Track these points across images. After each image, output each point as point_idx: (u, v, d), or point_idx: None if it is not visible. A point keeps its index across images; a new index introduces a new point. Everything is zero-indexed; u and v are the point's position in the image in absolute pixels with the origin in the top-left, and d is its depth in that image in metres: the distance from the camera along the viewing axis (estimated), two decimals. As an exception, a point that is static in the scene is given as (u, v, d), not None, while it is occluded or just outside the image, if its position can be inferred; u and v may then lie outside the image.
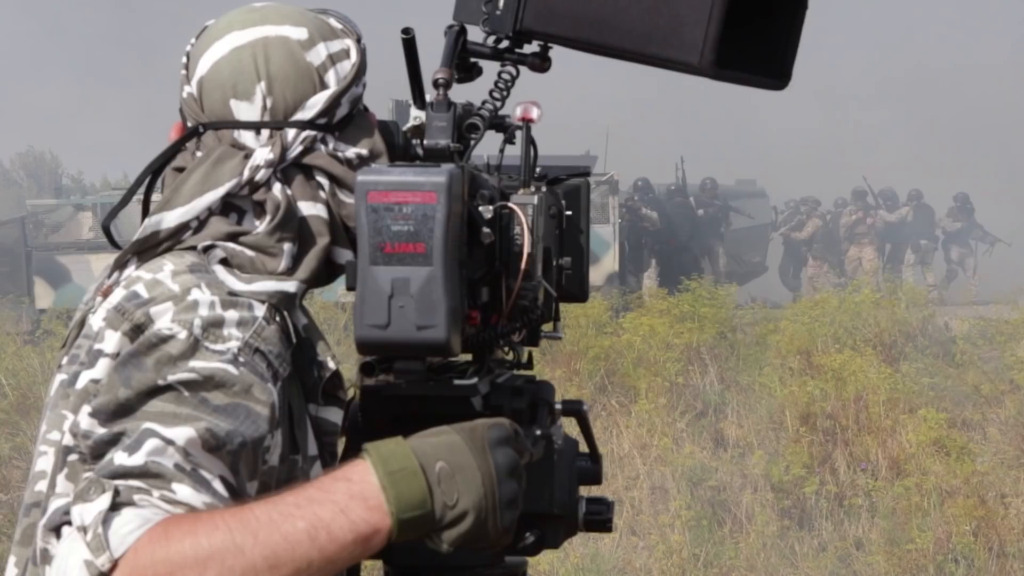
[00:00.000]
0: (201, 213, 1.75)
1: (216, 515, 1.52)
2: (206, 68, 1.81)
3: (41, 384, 11.79)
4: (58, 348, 2.83)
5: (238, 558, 1.50)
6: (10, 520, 8.56)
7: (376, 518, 1.55)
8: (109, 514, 1.51)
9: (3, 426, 10.90)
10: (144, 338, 1.65)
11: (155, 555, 1.49)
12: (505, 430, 1.64)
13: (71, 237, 19.94)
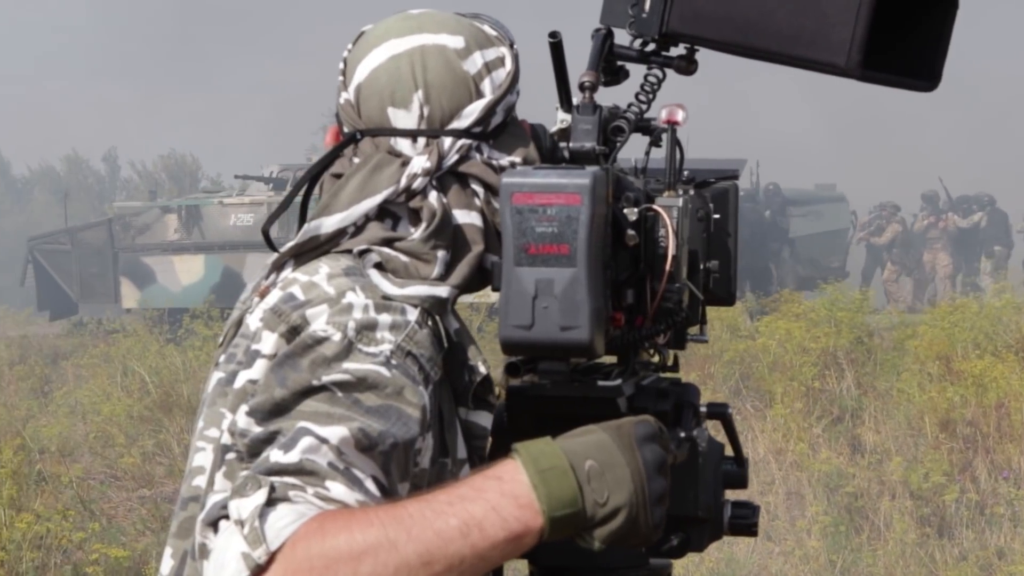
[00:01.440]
0: (359, 219, 1.77)
1: (370, 511, 1.54)
2: (364, 75, 1.82)
3: (183, 382, 12.03)
4: (198, 347, 2.87)
5: (392, 554, 1.51)
6: (154, 515, 8.73)
7: (527, 516, 1.56)
8: (265, 509, 1.53)
9: (147, 423, 11.12)
10: (300, 339, 1.68)
11: (310, 549, 1.51)
12: (651, 427, 1.64)
13: (157, 239, 20.22)
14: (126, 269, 20.15)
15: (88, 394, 12.02)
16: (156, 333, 15.41)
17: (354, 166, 1.80)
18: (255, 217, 19.88)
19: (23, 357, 15.84)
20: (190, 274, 19.87)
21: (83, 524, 8.09)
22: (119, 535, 8.16)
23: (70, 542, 7.63)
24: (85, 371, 14.19)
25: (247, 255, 19.60)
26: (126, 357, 13.68)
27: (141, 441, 10.65)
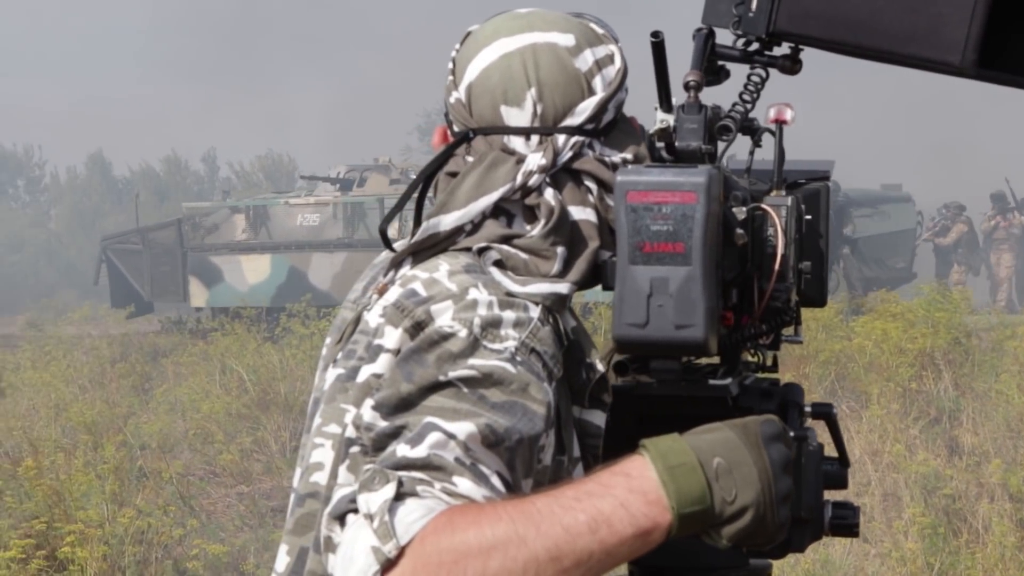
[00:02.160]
0: (476, 216, 1.78)
1: (499, 506, 1.55)
2: (474, 74, 1.82)
3: (280, 380, 12.15)
4: (295, 345, 2.85)
5: (521, 549, 1.52)
6: (252, 511, 8.84)
7: (656, 512, 1.56)
8: (394, 503, 1.54)
9: (245, 420, 11.24)
10: (425, 335, 1.68)
11: (440, 544, 1.51)
12: (776, 426, 1.64)
13: (225, 238, 20.54)
14: (195, 268, 20.51)
15: (188, 392, 12.18)
16: (254, 332, 15.57)
17: (469, 164, 1.81)
18: (321, 217, 20.18)
19: (124, 355, 16.09)
20: (256, 273, 20.19)
21: (183, 520, 8.21)
22: (218, 531, 8.26)
23: (170, 537, 7.74)
24: (185, 369, 14.38)
25: (312, 255, 19.92)
26: (224, 355, 13.85)
27: (239, 438, 10.76)
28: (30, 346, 16.12)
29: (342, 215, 20.20)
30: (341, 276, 19.72)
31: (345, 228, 20.21)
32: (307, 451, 1.82)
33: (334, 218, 20.23)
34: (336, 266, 19.89)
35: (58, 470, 8.94)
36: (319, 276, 19.93)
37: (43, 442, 10.26)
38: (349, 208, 20.24)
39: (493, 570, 1.51)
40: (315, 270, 19.98)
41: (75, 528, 7.19)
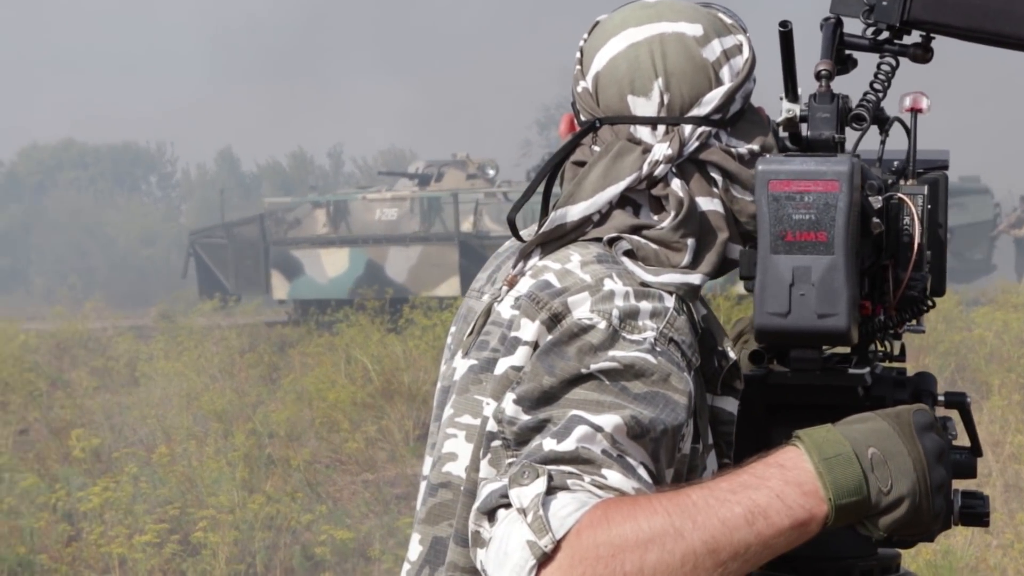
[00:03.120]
0: (603, 206, 1.77)
1: (653, 499, 1.53)
2: (602, 64, 1.82)
3: (403, 370, 12.31)
4: (417, 336, 2.85)
5: (678, 542, 1.50)
6: (377, 498, 8.99)
7: (812, 504, 1.54)
8: (546, 498, 1.52)
9: (369, 409, 11.41)
10: (565, 328, 1.67)
11: (597, 537, 1.50)
12: (928, 416, 1.62)
13: (307, 232, 21.02)
14: (276, 261, 21.00)
15: (314, 381, 12.38)
16: (377, 323, 15.79)
17: (596, 154, 1.80)
18: (398, 212, 20.63)
19: (252, 345, 16.40)
20: (335, 266, 20.63)
21: (310, 506, 8.39)
22: (344, 517, 8.43)
23: (298, 523, 7.92)
24: (311, 359, 14.62)
25: (389, 248, 20.31)
26: (349, 346, 14.06)
27: (364, 427, 10.92)
28: (163, 337, 16.50)
29: (419, 209, 20.59)
30: (416, 269, 20.16)
31: (421, 222, 20.54)
32: (439, 441, 1.81)
33: (411, 212, 20.65)
34: (412, 259, 20.27)
35: (190, 457, 9.20)
36: (395, 269, 20.34)
37: (175, 430, 10.53)
38: (425, 203, 20.65)
39: (651, 563, 1.49)
40: (391, 263, 20.38)
41: (207, 514, 7.40)
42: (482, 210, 20.71)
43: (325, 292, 20.48)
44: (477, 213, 20.70)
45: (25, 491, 8.49)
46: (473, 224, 20.68)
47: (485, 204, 20.75)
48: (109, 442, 10.48)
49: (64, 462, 9.88)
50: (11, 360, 14.61)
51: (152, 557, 6.90)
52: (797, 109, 1.83)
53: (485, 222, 20.69)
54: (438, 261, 20.14)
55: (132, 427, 11.17)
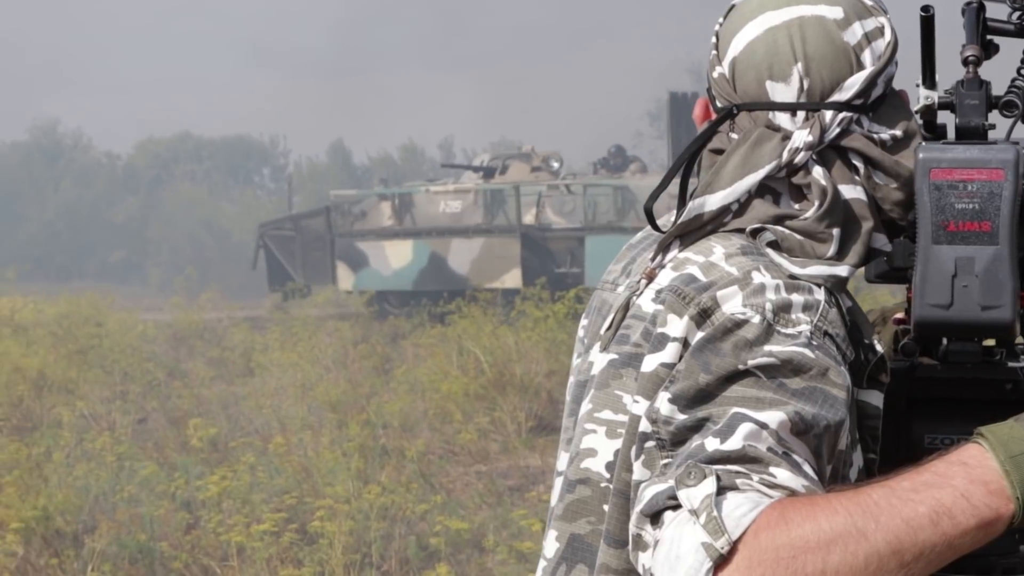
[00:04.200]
0: (742, 196, 1.73)
1: (831, 498, 1.49)
2: (739, 48, 1.78)
3: (516, 362, 12.33)
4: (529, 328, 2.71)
5: (860, 543, 1.46)
6: (490, 489, 9.01)
7: (998, 503, 1.49)
8: (717, 498, 1.48)
9: (482, 401, 11.44)
10: (719, 323, 1.63)
11: (775, 538, 1.46)
12: None
13: (373, 225, 21.41)
14: (342, 253, 21.41)
15: (427, 372, 12.45)
16: (490, 314, 15.84)
17: (734, 142, 1.76)
18: (462, 204, 20.83)
19: (365, 337, 16.53)
20: (399, 258, 20.97)
21: (424, 497, 8.43)
22: (458, 508, 8.46)
23: (413, 513, 7.96)
24: (423, 351, 14.71)
25: (452, 240, 20.56)
26: (461, 337, 14.12)
27: (477, 418, 10.96)
28: (277, 328, 16.69)
29: (482, 202, 20.79)
30: (478, 261, 20.41)
31: (484, 215, 20.75)
32: (576, 436, 1.78)
33: (475, 205, 20.86)
34: (474, 251, 20.49)
35: (306, 447, 9.29)
36: (458, 261, 20.58)
37: (290, 420, 10.65)
38: (488, 195, 20.84)
39: (833, 565, 1.45)
40: (454, 255, 20.63)
41: (324, 503, 7.46)
42: (544, 202, 20.89)
43: (389, 284, 20.87)
44: (540, 205, 20.88)
45: (145, 479, 8.62)
46: (535, 216, 20.86)
47: (548, 196, 20.93)
48: (225, 431, 10.62)
49: (182, 451, 10.02)
50: (130, 350, 14.85)
51: (270, 546, 6.96)
52: (935, 96, 1.78)
53: (547, 214, 20.87)
54: (500, 253, 20.35)
55: (248, 417, 11.31)
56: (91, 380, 12.97)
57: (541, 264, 20.39)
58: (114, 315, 18.30)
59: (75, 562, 7.17)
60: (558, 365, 12.51)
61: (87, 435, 10.16)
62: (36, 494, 7.79)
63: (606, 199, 20.47)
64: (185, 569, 7.25)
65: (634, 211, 20.18)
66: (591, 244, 20.10)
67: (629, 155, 21.98)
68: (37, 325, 17.19)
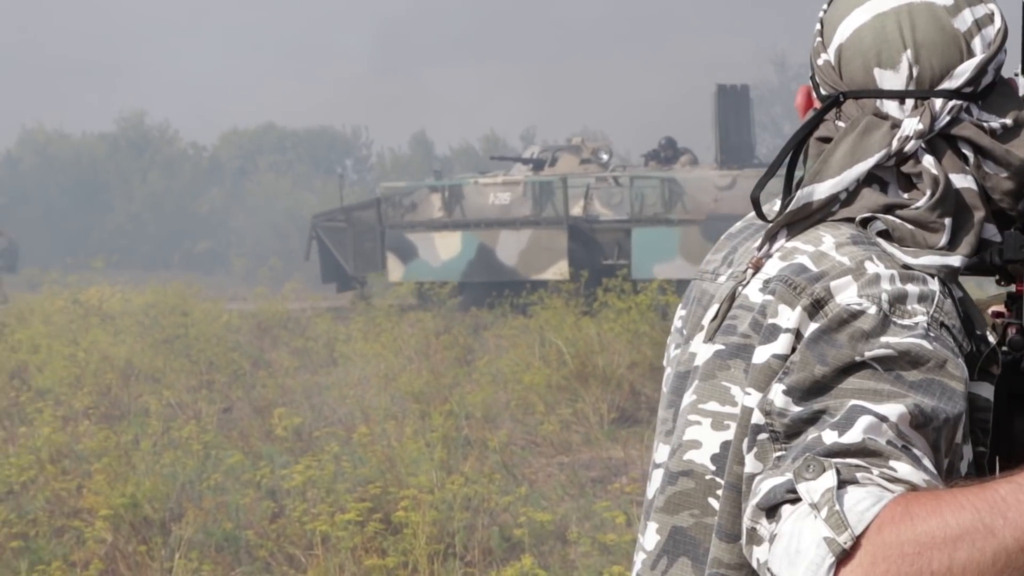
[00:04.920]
0: (850, 185, 1.71)
1: (956, 493, 1.46)
2: (845, 35, 1.75)
3: (598, 353, 12.32)
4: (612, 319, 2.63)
5: (988, 540, 1.43)
6: (572, 481, 9.01)
7: None
8: (838, 492, 1.46)
9: (564, 392, 11.44)
10: (834, 314, 1.61)
11: (900, 534, 1.43)
12: None
13: (423, 217, 21.69)
14: (392, 245, 21.73)
15: (509, 363, 12.47)
16: (572, 305, 15.83)
17: (842, 130, 1.74)
18: (511, 196, 21.07)
19: (447, 328, 16.58)
20: (448, 250, 21.26)
21: (507, 488, 8.44)
22: (540, 500, 8.46)
23: (496, 504, 7.98)
24: (505, 341, 14.73)
25: (500, 232, 20.81)
26: (543, 328, 14.12)
27: (559, 410, 10.96)
28: (360, 318, 16.78)
29: (531, 194, 21.00)
30: (526, 253, 20.63)
31: (533, 207, 20.97)
32: (678, 428, 1.76)
33: (523, 197, 21.07)
34: (522, 243, 20.71)
35: (389, 437, 9.34)
36: (506, 252, 20.82)
37: (374, 410, 10.70)
38: (537, 187, 21.04)
39: (960, 562, 1.42)
40: (502, 247, 20.87)
41: (408, 493, 7.49)
42: (592, 194, 21.00)
43: (438, 275, 21.10)
44: (588, 197, 21.00)
45: (231, 468, 8.70)
46: (583, 208, 20.97)
47: (596, 188, 21.05)
48: (309, 421, 10.69)
49: (266, 440, 10.11)
50: (215, 340, 15.00)
51: (354, 535, 7.00)
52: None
53: (595, 206, 20.99)
54: (547, 245, 20.56)
55: (331, 406, 11.38)
56: (177, 369, 13.11)
57: (588, 256, 20.59)
58: (200, 305, 18.49)
59: (162, 549, 7.25)
60: (640, 356, 12.48)
61: (174, 424, 10.27)
62: (124, 482, 7.89)
63: (653, 191, 20.56)
64: (270, 557, 7.31)
65: (681, 203, 20.30)
66: (637, 236, 20.27)
67: (680, 147, 21.99)
68: (124, 314, 17.41)
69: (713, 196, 20.18)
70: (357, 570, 6.91)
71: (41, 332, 15.15)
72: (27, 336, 14.80)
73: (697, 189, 20.32)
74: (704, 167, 21.14)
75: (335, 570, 6.93)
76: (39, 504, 8.16)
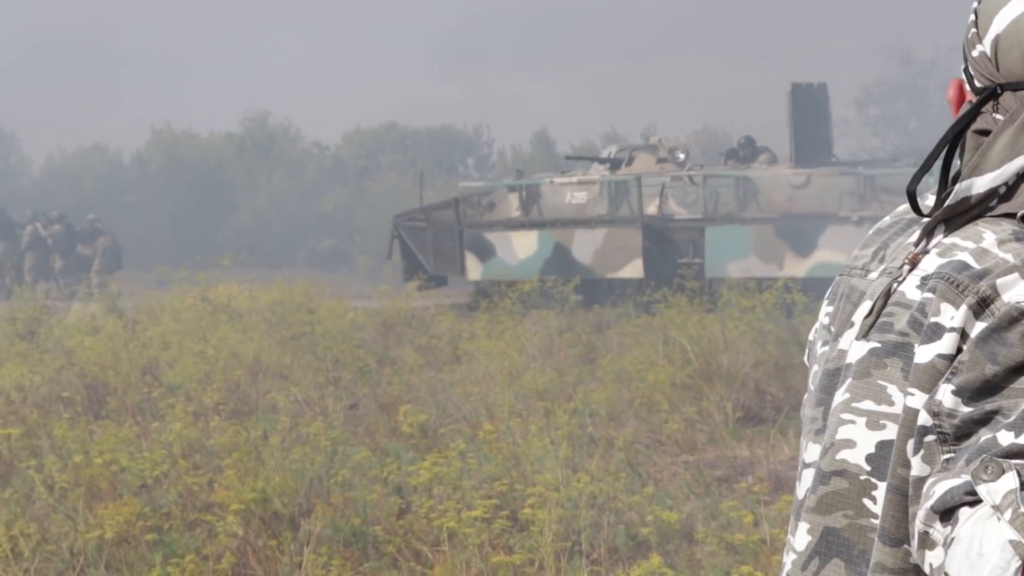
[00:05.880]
0: (1010, 179, 1.67)
1: None
2: (1002, 26, 1.71)
3: (722, 352, 12.25)
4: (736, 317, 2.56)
5: None
6: (698, 480, 8.97)
7: None
8: (1020, 494, 1.43)
9: (688, 391, 11.40)
10: (1002, 312, 1.57)
11: None
12: None
13: (501, 216, 22.04)
14: (470, 244, 22.11)
15: (632, 362, 12.44)
16: (696, 304, 15.76)
17: (1000, 122, 1.70)
18: (588, 195, 21.37)
19: (570, 326, 16.60)
20: (525, 248, 21.60)
21: (631, 486, 8.42)
22: (665, 498, 8.43)
23: (622, 503, 7.96)
24: (628, 339, 14.71)
25: (576, 231, 21.11)
26: (667, 327, 14.07)
27: (683, 408, 10.93)
28: (483, 316, 16.85)
29: (607, 193, 21.21)
30: (601, 251, 20.88)
31: (609, 206, 21.17)
32: (829, 426, 1.74)
33: (599, 196, 21.32)
34: (597, 242, 20.95)
35: (514, 435, 9.36)
36: (581, 251, 21.06)
37: (498, 408, 10.74)
38: (613, 187, 21.25)
39: None
40: (578, 246, 21.11)
41: (535, 491, 7.51)
42: (668, 193, 21.11)
43: (515, 274, 21.36)
44: (663, 196, 21.10)
45: (358, 464, 8.78)
46: (658, 207, 21.05)
47: (671, 187, 21.17)
48: (434, 418, 10.76)
49: (392, 437, 10.19)
50: (340, 337, 15.14)
51: (481, 532, 7.03)
52: None
53: (670, 205, 21.08)
54: (622, 243, 20.75)
55: (456, 404, 11.44)
56: (304, 366, 13.26)
57: (663, 254, 20.68)
58: (325, 303, 18.69)
59: (292, 544, 7.35)
60: (765, 355, 12.38)
61: (301, 420, 10.39)
62: (254, 477, 8.00)
63: (727, 190, 20.51)
64: (397, 553, 7.37)
65: (755, 202, 20.21)
66: (711, 234, 20.30)
67: (759, 146, 21.99)
68: (252, 312, 17.65)
69: (787, 195, 20.14)
70: (484, 567, 6.94)
71: (171, 329, 15.43)
72: (158, 333, 15.08)
73: (771, 188, 20.28)
74: (780, 166, 21.07)
75: (462, 566, 6.96)
76: (172, 498, 8.30)
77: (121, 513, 7.48)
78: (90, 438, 9.86)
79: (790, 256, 19.68)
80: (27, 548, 7.35)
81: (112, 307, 19.17)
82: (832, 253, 19.09)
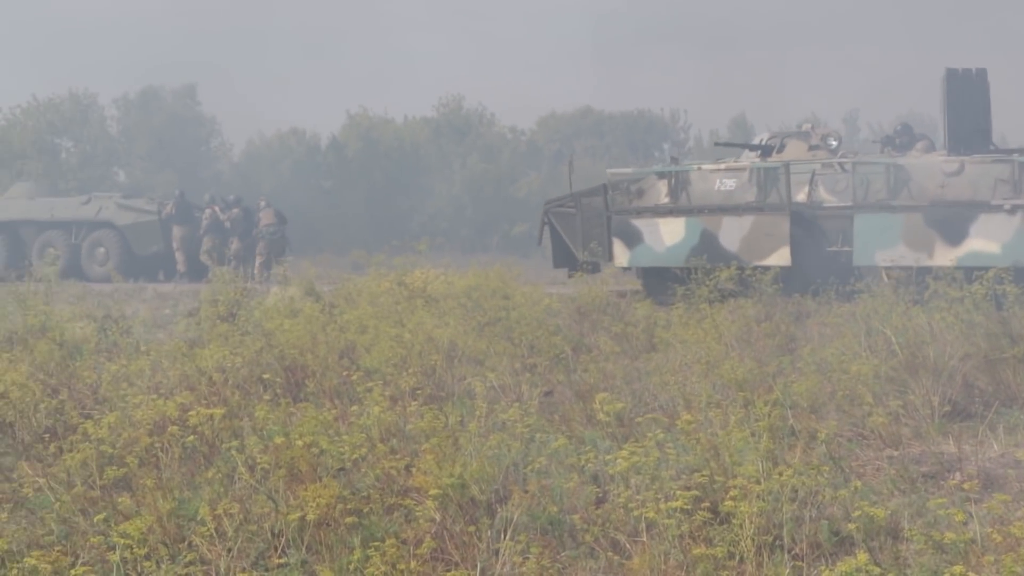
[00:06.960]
0: None
1: None
2: None
3: (928, 344, 11.89)
4: (944, 308, 2.40)
5: None
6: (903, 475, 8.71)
7: None
8: None
9: (892, 383, 11.10)
10: None
11: None
12: None
13: (650, 202, 21.99)
14: (618, 230, 22.07)
15: (834, 352, 12.17)
16: (901, 294, 15.37)
17: None
18: (737, 182, 21.17)
19: (768, 315, 16.33)
20: (672, 235, 21.49)
21: (833, 480, 8.21)
22: (869, 494, 8.21)
23: (825, 497, 7.77)
24: (829, 330, 14.40)
25: (723, 218, 20.90)
26: (870, 317, 13.74)
27: (887, 401, 10.64)
28: (680, 304, 16.69)
29: (755, 180, 20.99)
30: (748, 239, 20.62)
31: (758, 193, 20.91)
32: None
33: (748, 183, 21.08)
34: (744, 229, 20.71)
35: (713, 425, 9.21)
36: (728, 238, 20.83)
37: (696, 397, 10.59)
38: (762, 173, 20.99)
39: None
40: (725, 232, 20.88)
41: (736, 483, 7.36)
42: (817, 180, 20.72)
43: (662, 260, 21.45)
44: (812, 183, 20.73)
45: (555, 452, 8.72)
46: (807, 194, 20.69)
47: (821, 175, 20.76)
48: (631, 407, 10.64)
49: (588, 424, 10.11)
50: (535, 323, 15.12)
51: (681, 523, 6.91)
52: None
53: (820, 192, 20.67)
54: (770, 230, 20.45)
55: (652, 392, 11.31)
56: (499, 352, 13.26)
57: (811, 242, 20.38)
58: (520, 289, 18.70)
59: (489, 531, 7.32)
60: (974, 348, 11.98)
61: (497, 406, 10.37)
62: (452, 462, 7.99)
63: (878, 177, 19.98)
64: (595, 542, 7.29)
65: (907, 189, 19.65)
66: (860, 222, 19.83)
67: (917, 133, 21.51)
68: (447, 297, 17.73)
69: (939, 182, 19.53)
70: (683, 559, 6.82)
71: (368, 313, 15.56)
72: (355, 317, 15.22)
73: (923, 175, 19.70)
74: (935, 153, 20.51)
75: (661, 557, 6.86)
76: (370, 481, 8.35)
77: (322, 495, 7.53)
78: (289, 420, 9.98)
79: (940, 245, 19.16)
80: (231, 527, 7.45)
81: (310, 290, 19.44)
82: (983, 242, 18.58)
